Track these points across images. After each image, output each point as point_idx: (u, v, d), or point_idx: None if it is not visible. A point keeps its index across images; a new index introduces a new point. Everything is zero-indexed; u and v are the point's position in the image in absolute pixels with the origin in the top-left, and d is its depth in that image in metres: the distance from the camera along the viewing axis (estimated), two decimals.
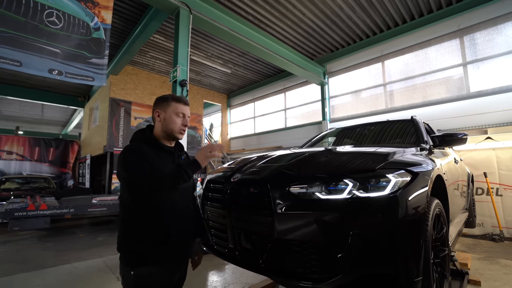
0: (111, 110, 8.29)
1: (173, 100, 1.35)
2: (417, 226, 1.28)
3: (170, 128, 1.33)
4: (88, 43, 3.24)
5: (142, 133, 1.36)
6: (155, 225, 1.22)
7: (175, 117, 1.33)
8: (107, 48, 3.46)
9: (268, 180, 1.43)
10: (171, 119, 1.33)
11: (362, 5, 5.78)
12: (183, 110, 1.36)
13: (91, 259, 3.80)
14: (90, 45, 3.26)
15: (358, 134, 3.28)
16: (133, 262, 1.19)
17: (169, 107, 1.33)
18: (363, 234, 1.22)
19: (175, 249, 1.27)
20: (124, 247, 1.23)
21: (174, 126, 1.33)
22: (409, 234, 1.25)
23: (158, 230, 1.22)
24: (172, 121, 1.33)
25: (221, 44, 7.54)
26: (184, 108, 1.37)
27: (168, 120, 1.33)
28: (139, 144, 1.28)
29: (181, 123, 1.35)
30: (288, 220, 1.34)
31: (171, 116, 1.33)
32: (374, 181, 1.32)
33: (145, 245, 1.19)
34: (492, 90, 5.21)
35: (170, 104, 1.34)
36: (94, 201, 5.27)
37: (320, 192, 1.33)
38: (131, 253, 1.20)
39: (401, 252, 1.22)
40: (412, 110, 6.21)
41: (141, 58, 8.43)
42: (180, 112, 1.35)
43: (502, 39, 5.19)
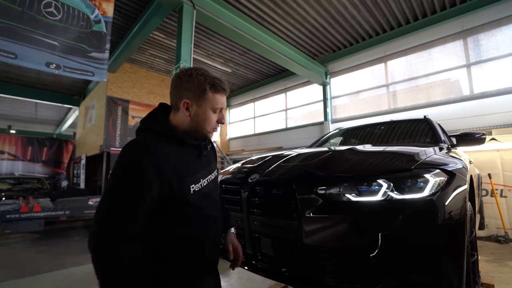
0: (108, 108, 8.08)
1: (212, 89, 0.93)
2: (458, 231, 1.17)
3: (202, 127, 0.96)
4: (88, 36, 3.09)
5: (154, 120, 0.95)
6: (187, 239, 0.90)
7: (211, 114, 0.95)
8: (108, 42, 3.31)
9: (293, 180, 1.31)
10: (206, 115, 0.95)
11: (367, 4, 5.72)
12: (223, 103, 0.98)
13: (88, 263, 3.61)
14: (90, 38, 3.10)
15: (368, 134, 3.18)
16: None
17: (206, 101, 0.94)
18: (401, 239, 1.12)
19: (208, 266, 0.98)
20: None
21: (208, 124, 0.96)
22: (451, 240, 1.15)
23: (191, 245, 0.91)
24: (207, 119, 0.95)
25: (222, 43, 7.41)
26: (224, 100, 0.99)
27: (202, 116, 0.94)
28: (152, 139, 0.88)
29: (217, 119, 0.98)
30: (317, 224, 1.22)
31: (206, 112, 0.94)
32: (410, 181, 1.21)
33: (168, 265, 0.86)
34: (496, 91, 5.19)
35: (208, 96, 0.93)
36: (90, 203, 5.08)
37: (352, 194, 1.21)
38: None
39: (442, 258, 1.11)
40: (415, 111, 6.17)
41: (140, 55, 8.25)
42: (219, 107, 0.97)
43: (506, 41, 5.18)
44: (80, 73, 3.03)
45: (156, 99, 9.48)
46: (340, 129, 3.72)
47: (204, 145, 1.01)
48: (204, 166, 1.00)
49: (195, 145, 0.98)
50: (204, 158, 1.02)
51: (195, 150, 0.98)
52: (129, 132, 8.58)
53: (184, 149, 0.94)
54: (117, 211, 0.76)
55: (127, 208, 0.77)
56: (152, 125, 0.93)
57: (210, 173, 1.04)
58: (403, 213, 1.13)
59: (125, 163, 0.81)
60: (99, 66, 3.17)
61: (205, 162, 1.02)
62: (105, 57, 3.26)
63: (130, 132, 8.62)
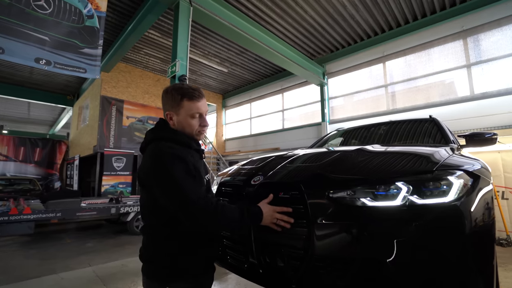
0: (102, 108, 7.90)
1: (184, 98, 1.08)
2: (486, 239, 1.08)
3: (188, 133, 1.13)
4: (80, 31, 2.94)
5: (171, 132, 1.12)
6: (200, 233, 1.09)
7: (190, 120, 1.11)
8: (101, 38, 3.17)
9: (302, 183, 1.19)
10: (186, 122, 1.11)
11: (366, 4, 5.67)
12: (198, 109, 1.11)
13: (80, 268, 3.46)
14: (82, 34, 2.95)
15: (370, 134, 3.07)
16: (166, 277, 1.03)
17: (181, 109, 1.09)
18: (425, 249, 1.01)
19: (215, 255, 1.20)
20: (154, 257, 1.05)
21: (189, 129, 1.12)
22: (480, 249, 1.05)
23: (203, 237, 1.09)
24: (188, 125, 1.11)
25: (218, 42, 7.30)
26: (199, 105, 1.11)
27: (183, 124, 1.11)
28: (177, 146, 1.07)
29: (199, 124, 1.14)
30: (330, 232, 1.11)
31: (186, 119, 1.10)
32: (432, 184, 1.10)
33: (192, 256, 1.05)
34: (497, 92, 5.16)
35: (182, 104, 1.09)
36: (83, 205, 4.90)
37: (368, 198, 1.10)
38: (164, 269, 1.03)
39: (472, 269, 1.01)
40: (414, 112, 6.13)
41: (134, 55, 8.09)
42: (195, 112, 1.11)
43: (506, 41, 5.16)
44: (72, 69, 2.88)
45: (151, 99, 9.31)
46: (340, 129, 3.63)
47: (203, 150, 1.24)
48: (204, 167, 1.20)
49: (198, 150, 1.18)
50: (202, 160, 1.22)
51: (198, 153, 1.17)
52: (123, 133, 8.40)
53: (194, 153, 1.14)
54: (191, 188, 0.99)
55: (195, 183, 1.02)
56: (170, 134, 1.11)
57: (207, 173, 1.23)
58: (427, 220, 1.02)
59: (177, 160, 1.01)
60: (92, 63, 3.02)
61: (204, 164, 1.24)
62: (98, 53, 3.11)
63: (125, 132, 8.44)
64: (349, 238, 1.09)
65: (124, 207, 5.26)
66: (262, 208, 1.14)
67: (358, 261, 1.07)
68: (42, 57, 2.64)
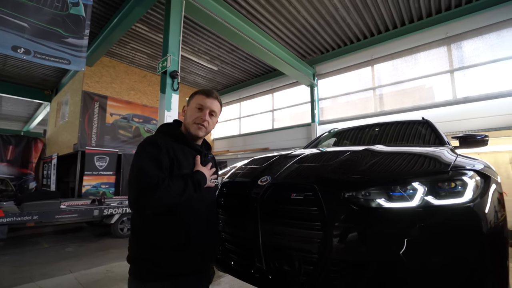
0: (83, 105, 7.50)
1: (197, 92, 1.23)
2: (501, 238, 1.06)
3: (187, 122, 1.20)
4: (64, 19, 2.71)
5: (167, 126, 1.26)
6: (173, 226, 1.05)
7: (192, 110, 1.19)
8: (88, 28, 2.95)
9: (317, 184, 1.13)
10: (189, 112, 1.21)
11: (357, 7, 5.75)
12: (204, 102, 1.19)
13: (60, 275, 3.22)
14: (66, 22, 2.73)
15: (364, 135, 3.09)
16: (144, 275, 1.02)
17: (191, 101, 1.23)
18: (444, 251, 0.98)
19: (196, 257, 1.08)
20: (135, 256, 1.06)
21: (189, 119, 1.19)
22: (495, 249, 1.03)
23: (177, 232, 1.06)
24: (189, 113, 1.20)
25: (209, 39, 7.14)
26: (206, 100, 1.19)
27: (188, 113, 1.21)
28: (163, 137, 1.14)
29: (197, 116, 1.18)
30: (346, 235, 1.06)
31: (190, 109, 1.21)
32: (448, 185, 1.08)
33: (161, 251, 1.02)
34: (478, 97, 5.41)
35: (194, 97, 1.23)
36: (62, 207, 4.59)
37: (384, 199, 1.07)
38: (143, 263, 1.03)
39: (490, 270, 0.99)
40: (401, 114, 6.30)
41: (120, 49, 7.74)
42: (199, 104, 1.19)
43: (486, 49, 5.42)
44: (54, 60, 2.64)
45: (137, 96, 8.96)
46: (333, 130, 3.63)
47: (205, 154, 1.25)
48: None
49: (196, 149, 1.21)
50: (203, 163, 1.20)
51: (196, 153, 1.20)
52: (106, 131, 8.02)
53: (188, 149, 1.17)
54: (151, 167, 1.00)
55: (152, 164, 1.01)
56: (164, 128, 1.23)
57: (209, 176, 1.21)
58: (444, 221, 1.00)
59: (143, 146, 1.07)
60: (77, 54, 2.80)
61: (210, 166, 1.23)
62: (83, 44, 2.89)
63: (108, 130, 8.06)
64: (366, 240, 1.04)
65: (108, 209, 5.00)
66: (205, 172, 1.15)
67: (375, 264, 1.02)
68: (20, 45, 2.39)
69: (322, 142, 3.42)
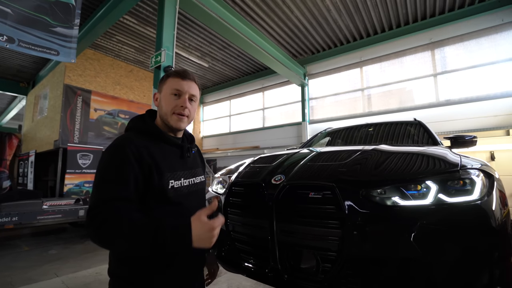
0: (65, 99, 7.10)
1: (169, 75, 1.00)
2: (507, 233, 1.12)
3: (164, 112, 0.98)
4: (51, 6, 2.52)
5: (140, 120, 1.01)
6: None
7: (168, 97, 0.97)
8: (78, 17, 2.77)
9: (336, 183, 1.14)
10: (164, 100, 0.98)
11: (349, 9, 5.87)
12: (180, 86, 0.97)
13: (45, 279, 3.04)
14: (54, 10, 2.54)
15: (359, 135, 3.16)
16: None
17: (164, 86, 0.99)
18: (459, 246, 1.03)
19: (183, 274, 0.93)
20: (112, 272, 0.90)
21: (168, 107, 0.96)
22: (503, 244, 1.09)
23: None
24: (165, 103, 0.97)
25: (201, 35, 7.01)
26: (183, 83, 0.97)
27: (162, 102, 0.99)
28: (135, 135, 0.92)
29: (175, 104, 0.97)
30: (365, 233, 1.08)
31: (165, 96, 0.98)
32: (458, 183, 1.13)
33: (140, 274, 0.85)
34: (458, 100, 5.72)
35: (166, 81, 0.99)
36: (45, 207, 4.33)
37: (400, 197, 1.10)
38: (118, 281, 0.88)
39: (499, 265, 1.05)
40: (388, 115, 6.52)
41: (105, 41, 7.41)
42: (176, 88, 0.96)
43: (467, 55, 5.73)
44: (41, 50, 2.46)
45: (123, 91, 8.63)
46: (328, 129, 3.69)
47: (188, 147, 1.04)
48: (188, 167, 1.02)
49: (178, 145, 1.01)
50: (188, 159, 1.03)
51: (178, 149, 1.01)
52: (90, 127, 7.66)
53: (168, 147, 0.98)
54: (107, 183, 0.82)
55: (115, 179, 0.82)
56: (136, 124, 1.00)
57: (194, 176, 1.04)
58: (459, 218, 1.04)
59: (109, 152, 0.87)
60: (66, 44, 2.62)
61: (189, 164, 1.04)
62: (73, 34, 2.72)
63: (92, 126, 7.70)
64: (384, 237, 1.07)
65: None
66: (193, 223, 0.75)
67: (393, 260, 1.05)
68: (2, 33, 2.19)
69: (318, 141, 3.47)
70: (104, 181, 0.82)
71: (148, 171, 0.86)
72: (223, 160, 10.13)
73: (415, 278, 1.02)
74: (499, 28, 5.31)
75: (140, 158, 0.85)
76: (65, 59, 2.70)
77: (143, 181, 0.85)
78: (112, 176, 0.82)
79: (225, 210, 1.52)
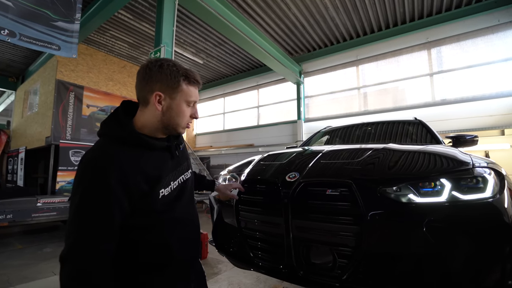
0: (57, 94, 6.92)
1: (185, 80, 0.88)
2: None
3: (175, 123, 0.89)
4: (52, 0, 2.44)
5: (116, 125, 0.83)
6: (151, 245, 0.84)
7: (185, 107, 0.89)
8: (79, 11, 2.70)
9: (353, 180, 1.16)
10: (180, 109, 0.88)
11: (347, 7, 5.89)
12: (196, 96, 0.92)
13: (42, 278, 2.98)
14: (55, 4, 2.46)
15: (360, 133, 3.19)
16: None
17: (179, 93, 0.87)
18: (473, 242, 1.05)
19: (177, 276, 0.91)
20: None
21: (181, 119, 0.90)
22: None
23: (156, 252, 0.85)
24: (180, 112, 0.88)
25: (197, 31, 6.92)
26: (197, 93, 0.93)
27: (175, 110, 0.87)
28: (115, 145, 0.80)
29: (190, 114, 0.92)
30: (382, 228, 1.09)
31: (180, 105, 0.88)
32: (471, 181, 1.16)
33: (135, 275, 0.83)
34: (454, 99, 5.83)
35: (182, 88, 0.87)
36: (39, 204, 4.24)
37: (416, 194, 1.12)
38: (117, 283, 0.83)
39: None
40: (384, 114, 6.61)
41: (98, 36, 7.23)
42: (193, 100, 0.91)
43: (463, 55, 5.84)
44: (42, 45, 2.38)
45: (116, 87, 8.46)
46: (327, 128, 3.72)
47: (176, 145, 0.96)
48: (175, 167, 0.95)
49: (165, 147, 0.91)
50: (175, 158, 0.96)
51: (166, 151, 0.92)
52: (83, 123, 7.49)
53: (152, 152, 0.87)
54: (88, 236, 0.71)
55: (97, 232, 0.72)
56: (114, 131, 0.83)
57: (182, 173, 0.98)
58: (474, 215, 1.07)
59: (89, 180, 0.73)
60: (67, 39, 2.55)
61: (176, 162, 0.96)
62: (74, 28, 2.64)
63: (85, 123, 7.54)
64: (399, 233, 1.09)
65: None
66: None
67: (408, 256, 1.07)
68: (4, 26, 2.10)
69: (318, 139, 3.49)
70: (80, 221, 0.71)
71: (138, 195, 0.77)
72: (217, 158, 10.08)
73: (430, 272, 1.04)
74: (495, 28, 5.42)
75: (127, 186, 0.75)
76: (66, 54, 2.62)
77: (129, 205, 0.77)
78: (91, 216, 0.71)
79: (236, 207, 1.52)
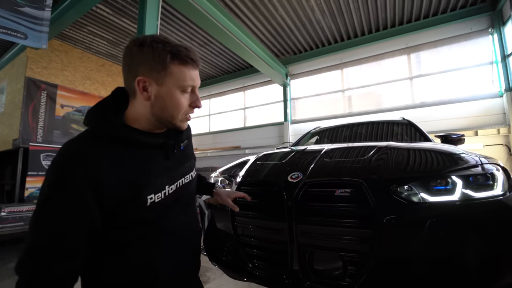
0: (27, 93, 6.38)
1: (175, 59, 0.69)
2: None
3: (169, 114, 0.72)
4: None
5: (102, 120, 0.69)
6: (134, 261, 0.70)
7: (179, 94, 0.71)
8: None
9: (364, 179, 1.07)
10: (172, 97, 0.71)
11: (332, 11, 5.97)
12: (193, 80, 0.73)
13: None
14: None
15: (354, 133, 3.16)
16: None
17: (167, 77, 0.69)
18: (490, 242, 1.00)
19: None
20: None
21: (176, 111, 0.73)
22: None
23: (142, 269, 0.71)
24: (174, 101, 0.71)
25: (181, 29, 6.71)
26: (194, 75, 0.73)
27: (166, 99, 0.70)
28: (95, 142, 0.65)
29: (189, 103, 0.75)
30: (398, 232, 1.01)
31: (172, 92, 0.70)
32: (481, 178, 1.12)
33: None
34: (432, 102, 6.08)
35: (171, 69, 0.69)
36: (3, 214, 3.82)
37: (432, 194, 1.05)
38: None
39: None
40: (367, 116, 6.74)
41: (75, 32, 6.81)
42: (190, 84, 0.72)
43: (439, 60, 6.12)
44: (5, 32, 2.09)
45: (93, 87, 7.98)
46: (317, 128, 3.69)
47: (174, 143, 0.79)
48: (172, 168, 0.79)
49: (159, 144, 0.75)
50: (174, 158, 0.80)
51: (161, 150, 0.76)
52: (56, 124, 6.97)
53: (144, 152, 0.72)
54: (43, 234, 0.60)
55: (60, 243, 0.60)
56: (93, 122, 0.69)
57: (183, 176, 0.84)
58: (488, 212, 1.02)
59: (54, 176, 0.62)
60: (35, 27, 2.28)
61: (174, 163, 0.81)
62: (44, 16, 2.38)
63: (58, 124, 7.02)
64: (415, 234, 1.02)
65: None
66: None
67: (426, 260, 1.00)
68: None
69: (308, 139, 3.44)
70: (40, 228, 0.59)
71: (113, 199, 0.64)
72: (203, 161, 9.82)
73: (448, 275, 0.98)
74: (468, 36, 5.75)
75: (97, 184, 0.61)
76: (34, 44, 2.34)
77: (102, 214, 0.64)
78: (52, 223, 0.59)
79: (231, 213, 1.38)
